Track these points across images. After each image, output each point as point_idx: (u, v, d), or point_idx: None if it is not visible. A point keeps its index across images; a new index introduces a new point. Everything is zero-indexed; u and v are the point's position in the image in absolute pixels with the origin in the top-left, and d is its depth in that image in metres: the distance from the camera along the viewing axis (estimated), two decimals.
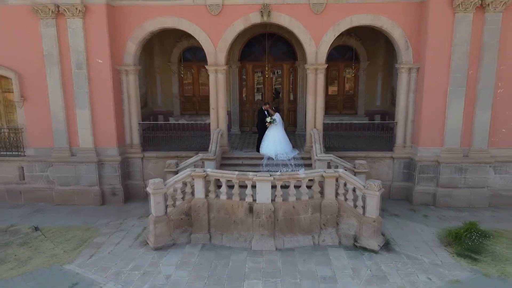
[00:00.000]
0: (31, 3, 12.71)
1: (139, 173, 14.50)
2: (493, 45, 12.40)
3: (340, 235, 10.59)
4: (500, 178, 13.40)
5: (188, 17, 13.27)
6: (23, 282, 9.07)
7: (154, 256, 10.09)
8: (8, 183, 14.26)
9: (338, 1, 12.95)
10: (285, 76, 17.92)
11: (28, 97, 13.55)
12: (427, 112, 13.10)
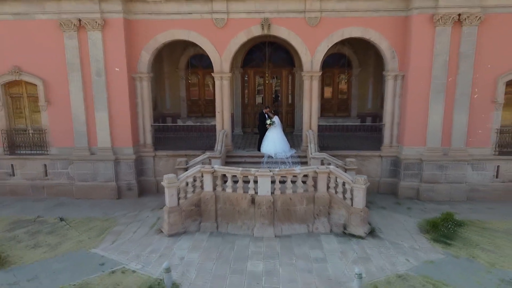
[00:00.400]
0: (56, 17, 14.11)
1: (151, 170, 15.87)
2: (469, 55, 13.77)
3: (331, 223, 11.96)
4: (477, 175, 14.77)
5: (196, 29, 14.64)
6: (57, 263, 10.43)
7: (168, 242, 11.46)
8: (33, 179, 15.64)
9: (331, 15, 14.32)
10: (284, 81, 19.30)
11: (51, 101, 14.93)
12: (411, 115, 14.47)
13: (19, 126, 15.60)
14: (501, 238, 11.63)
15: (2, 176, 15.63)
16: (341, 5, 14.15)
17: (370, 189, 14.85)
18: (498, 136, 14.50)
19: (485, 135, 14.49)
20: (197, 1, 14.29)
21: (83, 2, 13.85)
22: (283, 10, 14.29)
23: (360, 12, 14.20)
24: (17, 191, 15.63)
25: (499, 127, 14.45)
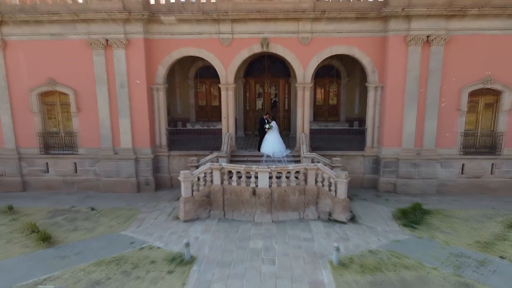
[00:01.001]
0: (86, 37, 16.43)
1: (166, 167, 18.18)
2: (437, 70, 16.07)
3: (318, 211, 14.27)
4: (445, 171, 17.07)
5: (205, 47, 16.94)
6: (95, 242, 12.73)
7: (184, 226, 13.77)
8: (64, 175, 17.95)
9: (320, 36, 16.62)
10: (281, 90, 21.61)
11: (81, 108, 17.25)
12: (389, 121, 16.77)
13: (52, 130, 17.91)
14: (458, 223, 13.94)
15: (37, 173, 17.96)
16: (329, 27, 16.45)
17: (354, 184, 17.31)
18: (462, 138, 16.82)
19: (452, 138, 16.79)
20: (206, 23, 16.60)
21: (110, 24, 16.18)
22: (280, 31, 16.60)
23: (345, 33, 16.51)
24: (51, 185, 17.96)
25: (463, 131, 16.76)
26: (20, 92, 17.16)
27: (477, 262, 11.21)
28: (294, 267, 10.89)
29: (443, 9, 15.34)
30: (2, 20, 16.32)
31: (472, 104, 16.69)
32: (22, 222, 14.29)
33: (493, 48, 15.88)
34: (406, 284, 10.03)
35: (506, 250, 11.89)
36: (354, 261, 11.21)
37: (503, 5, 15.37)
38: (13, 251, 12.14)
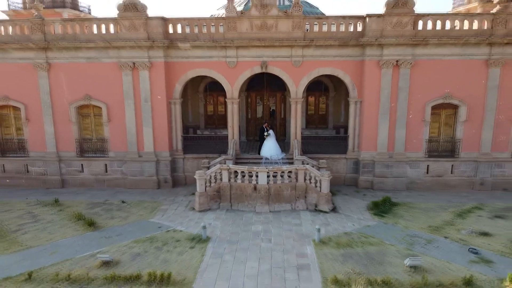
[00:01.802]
0: (117, 61, 19.70)
1: (181, 168, 21.42)
2: (405, 88, 19.31)
3: (307, 203, 17.51)
4: (413, 171, 20.31)
5: (214, 68, 20.19)
6: (130, 227, 15.96)
7: (199, 215, 17.01)
8: (96, 174, 21.20)
9: (310, 59, 19.86)
10: (278, 101, 24.85)
11: (111, 119, 20.51)
12: (366, 129, 20.01)
13: (86, 136, 21.17)
14: (418, 213, 17.18)
15: (74, 172, 21.22)
16: (317, 52, 19.70)
17: (338, 182, 20.57)
18: (427, 144, 20.06)
19: (418, 143, 20.04)
20: (216, 49, 19.85)
21: (136, 50, 19.45)
22: (276, 56, 19.85)
23: (330, 57, 19.76)
24: (85, 183, 21.23)
25: (428, 138, 20.01)
26: (61, 106, 20.42)
27: (426, 240, 14.45)
28: (285, 244, 14.14)
29: (409, 39, 18.61)
30: (48, 47, 19.58)
31: (434, 116, 19.94)
32: (68, 212, 17.57)
33: (451, 70, 19.14)
34: (369, 255, 13.27)
35: (450, 232, 15.13)
36: (332, 240, 14.46)
37: (458, 36, 18.63)
38: (67, 233, 15.39)
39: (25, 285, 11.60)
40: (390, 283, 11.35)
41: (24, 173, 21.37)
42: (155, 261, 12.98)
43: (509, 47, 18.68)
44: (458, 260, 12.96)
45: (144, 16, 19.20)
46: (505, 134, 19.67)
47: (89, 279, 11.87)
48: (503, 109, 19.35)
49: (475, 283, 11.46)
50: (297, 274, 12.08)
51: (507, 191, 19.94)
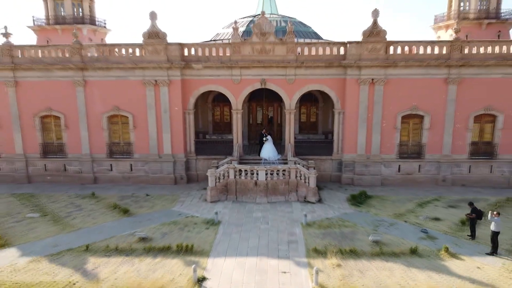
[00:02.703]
0: (141, 79, 23.49)
1: (194, 167, 25.21)
2: (379, 102, 23.10)
3: (298, 196, 21.30)
4: (387, 170, 24.08)
5: (222, 85, 23.99)
6: (156, 214, 19.74)
7: (210, 205, 20.79)
8: (123, 173, 24.99)
9: (301, 77, 23.63)
10: (275, 110, 28.66)
11: (136, 126, 24.31)
12: (348, 135, 23.80)
13: (115, 141, 24.96)
14: (388, 203, 20.95)
15: (104, 171, 25.01)
16: (307, 72, 23.49)
17: (325, 179, 24.34)
18: (398, 147, 23.86)
19: (391, 147, 23.83)
20: (223, 68, 23.64)
21: (158, 70, 23.24)
22: (273, 74, 23.64)
23: (318, 75, 23.55)
24: (113, 180, 25.03)
25: (399, 142, 23.80)
26: (94, 115, 24.23)
27: (389, 224, 18.23)
28: (279, 226, 17.95)
29: (382, 61, 22.41)
30: (84, 67, 23.39)
31: (404, 124, 23.72)
32: (104, 202, 21.38)
33: (417, 87, 22.92)
34: (343, 234, 17.04)
35: (410, 218, 18.92)
36: (315, 223, 18.25)
37: (422, 59, 22.43)
38: (107, 218, 19.19)
39: (85, 254, 15.40)
40: (355, 252, 15.15)
41: (62, 171, 25.18)
42: (179, 238, 16.78)
43: (464, 69, 22.48)
44: (411, 237, 16.74)
45: (164, 42, 23.02)
46: (462, 140, 23.46)
47: (131, 249, 15.68)
48: (459, 119, 23.15)
49: (419, 252, 15.24)
50: (287, 246, 15.88)
51: (465, 186, 23.71)
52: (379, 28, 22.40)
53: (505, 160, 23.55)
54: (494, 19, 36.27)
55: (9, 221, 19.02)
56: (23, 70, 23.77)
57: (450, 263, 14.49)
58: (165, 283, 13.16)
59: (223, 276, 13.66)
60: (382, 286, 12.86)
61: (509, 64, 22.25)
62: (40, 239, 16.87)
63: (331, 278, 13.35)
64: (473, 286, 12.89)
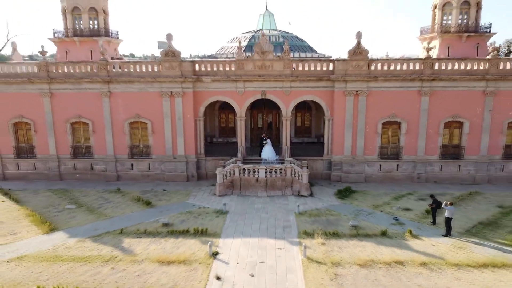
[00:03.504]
0: (159, 91, 27.03)
1: (204, 166, 28.73)
2: (363, 110, 26.61)
3: (292, 190, 24.83)
4: (370, 169, 27.59)
5: (228, 96, 27.52)
6: (173, 205, 23.27)
7: (219, 198, 24.31)
8: (142, 171, 28.52)
9: (296, 89, 27.15)
10: (274, 116, 32.19)
11: (154, 131, 27.84)
12: (336, 139, 27.32)
13: (135, 143, 28.49)
14: (369, 197, 24.46)
15: (126, 170, 28.55)
16: (301, 84, 27.01)
17: (316, 177, 27.87)
18: (379, 149, 27.38)
19: (373, 149, 27.35)
20: (229, 82, 27.17)
21: (173, 84, 26.77)
22: (272, 87, 27.17)
23: (310, 88, 27.07)
24: (134, 178, 28.57)
25: (380, 145, 27.31)
26: (117, 122, 27.76)
27: (367, 213, 21.75)
28: (277, 215, 21.47)
29: (364, 76, 25.94)
30: (110, 81, 26.94)
31: (384, 129, 27.24)
32: (129, 196, 24.91)
33: (395, 98, 26.42)
34: (328, 221, 20.56)
35: (385, 208, 22.44)
36: (307, 212, 21.79)
37: (399, 74, 25.96)
38: (134, 209, 22.71)
39: (120, 236, 18.93)
40: (337, 234, 18.68)
41: (89, 170, 28.72)
42: (195, 223, 20.31)
43: (435, 82, 26.00)
44: (384, 223, 20.26)
45: (179, 59, 26.57)
46: (434, 143, 26.97)
47: (157, 232, 19.21)
48: (432, 125, 26.67)
49: (388, 234, 18.76)
50: (283, 230, 19.43)
51: (436, 183, 27.21)
52: (362, 48, 25.94)
53: (471, 160, 27.08)
54: (473, 32, 39.52)
55: (52, 211, 22.57)
56: (57, 83, 27.33)
57: (411, 242, 18.03)
58: (187, 256, 16.70)
59: (231, 251, 17.21)
60: (355, 258, 16.38)
61: (473, 79, 25.77)
62: (81, 225, 20.43)
63: (316, 253, 16.88)
64: (426, 258, 16.42)
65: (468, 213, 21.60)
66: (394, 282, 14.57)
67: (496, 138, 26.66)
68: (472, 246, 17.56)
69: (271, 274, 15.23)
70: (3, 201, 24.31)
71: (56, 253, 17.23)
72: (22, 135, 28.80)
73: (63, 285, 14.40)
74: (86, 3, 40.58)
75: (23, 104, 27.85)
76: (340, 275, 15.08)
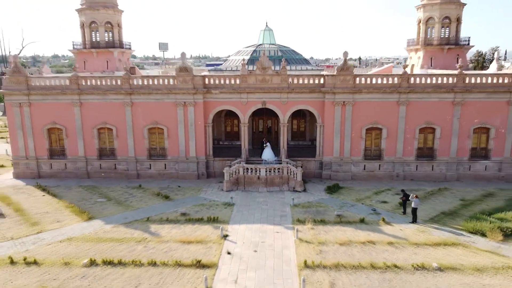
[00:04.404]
0: (174, 101, 30.95)
1: (212, 166, 32.61)
2: (349, 118, 30.50)
3: (288, 186, 28.75)
4: (356, 168, 31.49)
5: (233, 105, 31.43)
6: (188, 199, 27.18)
7: (226, 193, 28.20)
8: (159, 171, 32.42)
9: (292, 100, 31.07)
10: (273, 122, 36.11)
11: (169, 136, 31.74)
12: (326, 142, 31.21)
13: (153, 146, 32.39)
14: (353, 192, 28.33)
15: (145, 169, 32.44)
16: (296, 96, 30.91)
17: (309, 175, 31.78)
18: (364, 151, 31.27)
19: (358, 151, 31.24)
20: (234, 93, 31.06)
21: (186, 95, 30.69)
22: (271, 97, 31.07)
23: (304, 98, 30.97)
24: (151, 176, 32.47)
25: (364, 148, 31.19)
26: (138, 127, 31.68)
27: (351, 205, 25.64)
28: (275, 206, 25.38)
29: (350, 89, 29.85)
30: (132, 92, 30.86)
31: (368, 134, 31.13)
32: (149, 191, 28.81)
33: (377, 107, 30.31)
34: (318, 211, 24.45)
35: (366, 201, 26.33)
36: (300, 204, 25.70)
37: (380, 87, 29.84)
38: (155, 202, 26.62)
39: (147, 223, 22.86)
40: (324, 221, 22.59)
41: (113, 169, 32.64)
42: (207, 213, 24.22)
43: (411, 94, 29.88)
44: (363, 213, 24.14)
45: (191, 74, 30.50)
46: (410, 146, 30.87)
47: (177, 220, 23.12)
48: (408, 130, 30.56)
49: (366, 221, 22.66)
50: (280, 218, 23.34)
51: (413, 181, 31.05)
52: (348, 65, 29.87)
53: (442, 161, 30.98)
54: (453, 45, 43.65)
55: (86, 203, 26.48)
56: (86, 94, 31.25)
57: (384, 227, 21.96)
58: (203, 238, 20.62)
59: (238, 234, 21.13)
60: (337, 239, 20.29)
61: (443, 91, 29.68)
62: (113, 215, 24.35)
63: (306, 235, 20.79)
64: (393, 239, 20.33)
65: (435, 205, 25.51)
66: (365, 256, 18.49)
67: (463, 142, 30.57)
68: (432, 230, 21.49)
69: (270, 250, 19.18)
70: (43, 195, 28.25)
71: (97, 236, 21.18)
72: (54, 139, 32.70)
73: (109, 258, 18.32)
74: (102, 18, 44.60)
75: (56, 112, 31.76)
76: (324, 251, 19.01)
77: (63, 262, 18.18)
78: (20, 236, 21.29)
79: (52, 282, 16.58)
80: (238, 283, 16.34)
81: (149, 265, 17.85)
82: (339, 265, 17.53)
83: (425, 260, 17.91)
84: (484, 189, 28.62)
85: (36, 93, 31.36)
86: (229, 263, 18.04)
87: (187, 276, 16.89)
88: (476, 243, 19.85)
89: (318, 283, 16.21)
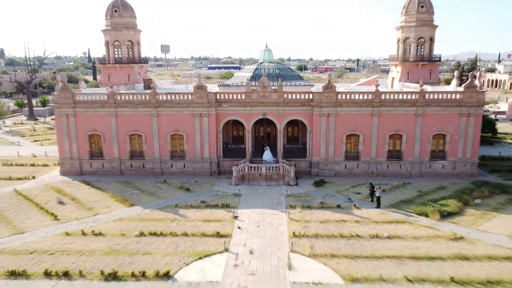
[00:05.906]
0: (191, 113, 37.51)
1: (222, 165, 39.13)
2: (333, 126, 37.00)
3: (284, 181, 35.29)
4: (338, 167, 37.99)
5: (240, 116, 37.96)
6: (205, 191, 33.70)
7: (234, 187, 34.73)
8: (179, 169, 38.92)
9: (287, 112, 37.62)
10: (272, 129, 42.67)
11: (188, 140, 38.30)
12: (315, 146, 37.73)
13: (174, 149, 38.90)
14: (336, 185, 34.89)
15: (168, 167, 39.00)
16: (290, 108, 37.44)
17: (301, 173, 38.39)
18: (345, 153, 37.89)
19: (340, 153, 37.77)
20: (240, 106, 37.59)
21: (202, 108, 37.24)
22: (270, 110, 37.58)
23: (297, 110, 37.47)
24: (173, 173, 39.10)
25: (345, 150, 37.76)
26: (162, 134, 38.25)
27: (332, 195, 32.22)
28: (273, 196, 31.93)
29: (333, 103, 36.39)
30: (158, 106, 37.44)
31: (348, 139, 37.71)
32: (173, 185, 35.37)
33: (355, 118, 36.81)
34: (306, 199, 31.00)
35: (344, 192, 32.83)
36: (292, 195, 32.25)
37: (357, 102, 36.39)
38: (179, 193, 33.19)
39: (176, 208, 29.46)
40: (310, 207, 29.17)
41: (142, 168, 39.20)
42: (221, 201, 30.78)
43: (382, 107, 36.39)
44: (340, 201, 30.68)
45: (206, 91, 37.07)
46: (382, 149, 37.40)
47: (198, 206, 29.71)
48: (380, 136, 37.06)
49: (341, 207, 29.23)
50: (276, 205, 29.92)
51: (384, 177, 37.58)
52: (332, 84, 36.44)
53: (408, 161, 37.51)
54: (427, 61, 50.18)
55: (125, 194, 33.04)
56: (120, 107, 37.81)
57: (354, 211, 28.52)
58: (219, 218, 27.18)
59: (245, 215, 27.71)
60: (318, 218, 26.83)
61: (408, 105, 36.19)
62: (148, 202, 30.93)
63: (296, 216, 27.35)
64: (360, 218, 26.90)
65: (397, 195, 32.09)
66: (337, 229, 25.06)
67: (425, 146, 37.11)
68: (390, 213, 28.07)
69: (269, 226, 25.79)
70: (89, 188, 34.81)
71: (140, 217, 27.78)
72: (94, 143, 39.26)
73: (153, 231, 24.91)
74: (124, 37, 51.16)
75: (96, 122, 38.33)
76: (308, 226, 25.59)
77: (120, 234, 24.78)
78: (82, 217, 27.90)
79: (116, 246, 23.17)
80: (247, 245, 22.95)
81: (183, 235, 24.44)
82: (318, 235, 24.13)
83: (379, 232, 24.51)
84: (439, 183, 35.19)
85: (80, 106, 37.96)
86: (239, 234, 24.65)
87: (210, 242, 23.50)
88: (419, 221, 26.43)
89: (302, 246, 22.78)
